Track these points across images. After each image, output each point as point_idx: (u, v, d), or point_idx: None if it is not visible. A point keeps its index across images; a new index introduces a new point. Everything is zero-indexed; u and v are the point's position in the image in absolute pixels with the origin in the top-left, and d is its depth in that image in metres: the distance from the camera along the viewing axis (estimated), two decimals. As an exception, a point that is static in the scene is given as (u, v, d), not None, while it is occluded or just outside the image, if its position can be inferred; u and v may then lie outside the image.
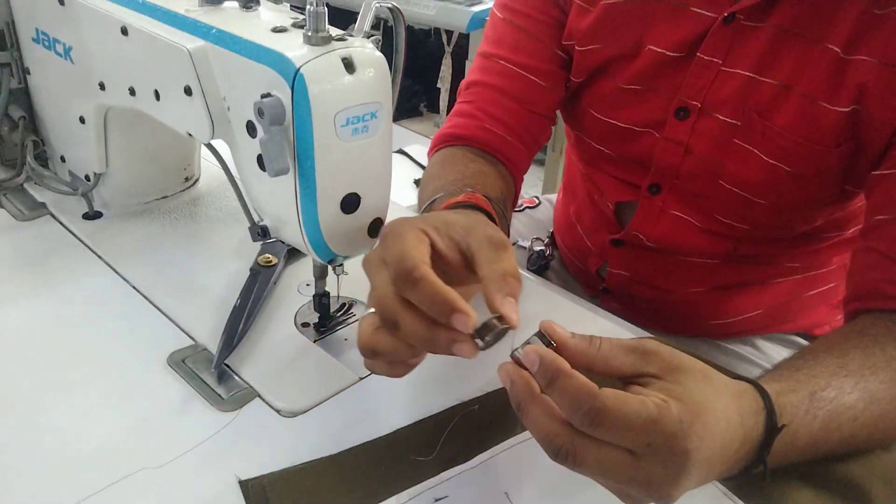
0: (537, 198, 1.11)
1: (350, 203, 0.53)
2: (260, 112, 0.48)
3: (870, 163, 0.65)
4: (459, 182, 0.67)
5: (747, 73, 0.66)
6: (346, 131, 0.50)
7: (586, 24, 0.73)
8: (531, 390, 0.40)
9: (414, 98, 2.98)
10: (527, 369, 0.40)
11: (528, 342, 0.41)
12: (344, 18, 0.65)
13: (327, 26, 0.49)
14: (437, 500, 0.45)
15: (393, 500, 0.46)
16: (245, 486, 0.47)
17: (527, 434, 0.50)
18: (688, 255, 0.79)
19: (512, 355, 0.41)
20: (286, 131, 0.49)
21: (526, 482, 0.47)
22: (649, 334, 0.65)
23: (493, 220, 0.59)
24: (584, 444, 0.38)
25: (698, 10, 0.67)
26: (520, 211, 1.06)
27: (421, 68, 2.67)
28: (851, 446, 0.50)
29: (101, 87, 0.65)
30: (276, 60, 0.48)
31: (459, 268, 0.47)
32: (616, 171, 0.80)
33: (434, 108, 2.36)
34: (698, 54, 0.68)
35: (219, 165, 0.59)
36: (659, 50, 0.70)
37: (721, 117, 0.69)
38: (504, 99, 0.77)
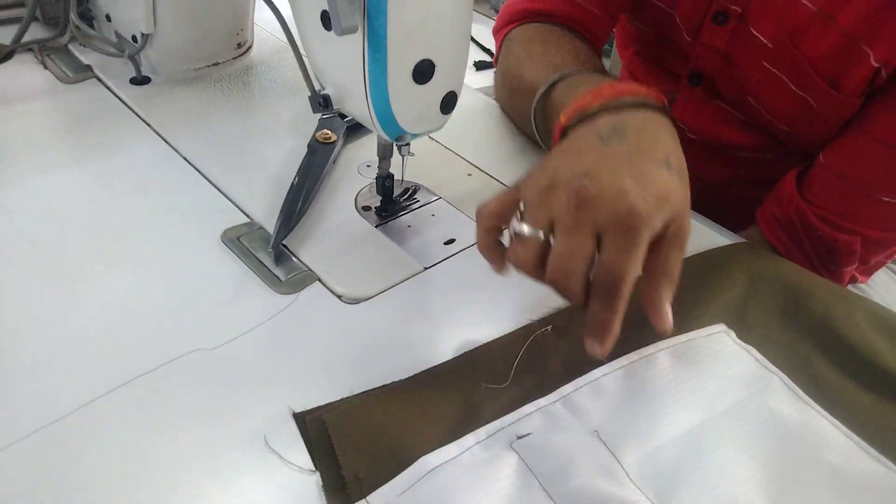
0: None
1: (423, 71, 0.47)
2: (328, -44, 0.41)
3: None
4: (588, 63, 0.61)
5: None
6: (425, -17, 0.43)
7: None
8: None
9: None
10: None
11: None
12: None
13: None
14: (519, 437, 0.40)
15: (470, 436, 0.40)
16: (301, 419, 0.40)
17: (610, 367, 0.45)
18: (732, 148, 0.73)
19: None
20: (357, -18, 0.42)
21: (614, 419, 0.42)
22: (721, 233, 0.60)
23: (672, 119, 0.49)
24: None
25: None
26: None
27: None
28: None
29: (148, -68, 0.58)
30: None
31: None
32: (656, 55, 0.75)
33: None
34: None
35: (273, 33, 0.53)
36: None
37: (756, 33, 0.62)
38: None
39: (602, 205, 0.38)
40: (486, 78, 1.37)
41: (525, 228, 0.40)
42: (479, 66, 1.41)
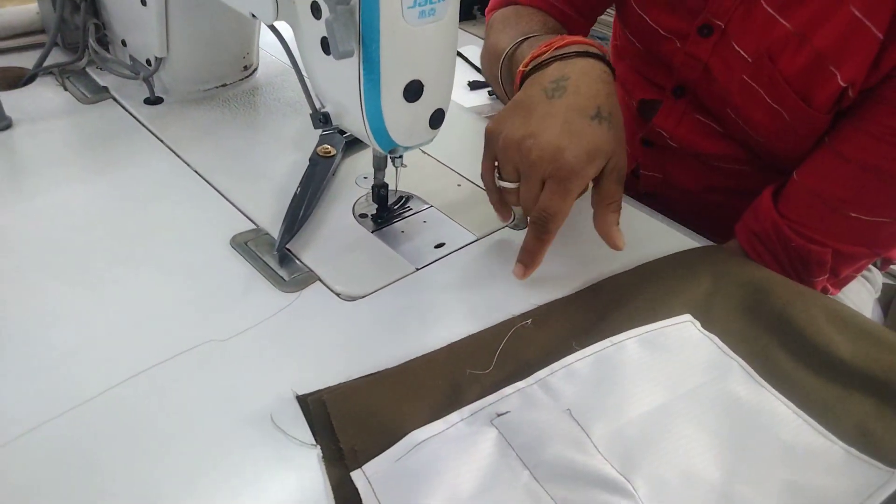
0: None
1: (413, 91, 0.52)
2: (327, -11, 0.46)
3: None
4: (554, 32, 0.68)
5: (770, 10, 0.63)
6: (413, 13, 0.48)
7: None
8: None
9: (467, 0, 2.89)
10: None
11: None
12: None
13: None
14: (499, 415, 0.45)
15: (455, 414, 0.45)
16: (304, 401, 0.45)
17: (583, 353, 0.50)
18: (710, 158, 0.78)
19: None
20: (352, 12, 0.48)
21: (585, 399, 0.46)
22: (693, 238, 0.65)
23: (608, 64, 0.59)
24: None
25: None
26: None
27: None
28: None
29: (163, -35, 0.64)
30: (344, -66, 0.46)
31: None
32: (643, 67, 0.79)
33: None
34: None
35: (276, 56, 0.58)
36: None
37: (737, 48, 0.66)
38: None
39: (544, 162, 0.51)
40: (480, 97, 1.43)
41: (506, 184, 0.56)
42: (473, 85, 1.47)
